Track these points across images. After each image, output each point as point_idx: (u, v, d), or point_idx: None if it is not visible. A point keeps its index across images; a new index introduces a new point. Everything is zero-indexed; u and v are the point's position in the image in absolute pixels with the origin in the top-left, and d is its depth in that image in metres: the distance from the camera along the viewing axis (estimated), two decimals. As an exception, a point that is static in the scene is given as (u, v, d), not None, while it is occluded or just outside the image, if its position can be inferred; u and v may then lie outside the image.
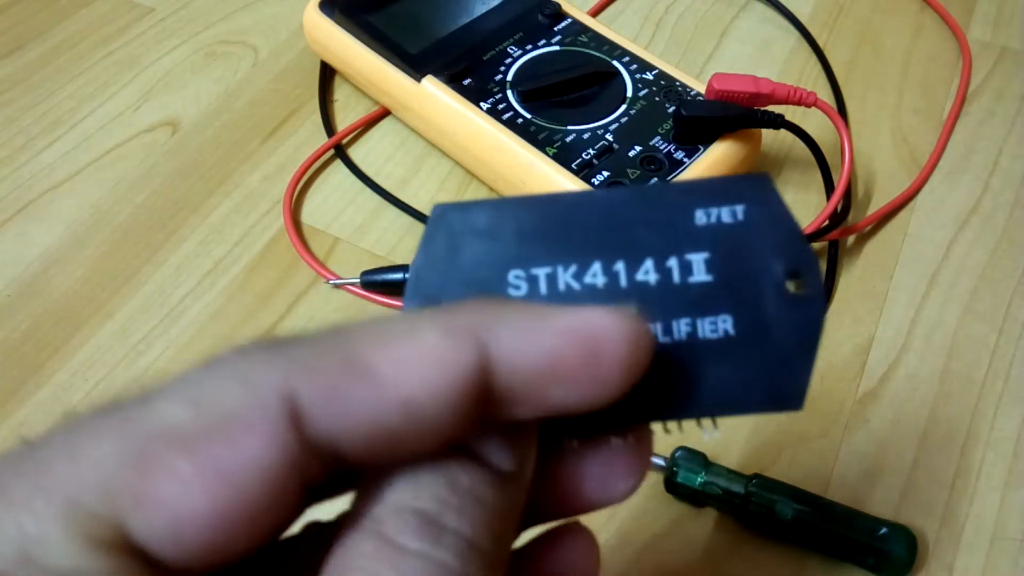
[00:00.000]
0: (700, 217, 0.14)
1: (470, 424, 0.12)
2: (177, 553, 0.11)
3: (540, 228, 0.15)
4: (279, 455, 0.11)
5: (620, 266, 0.14)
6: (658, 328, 0.14)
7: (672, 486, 0.29)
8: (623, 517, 0.30)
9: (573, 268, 0.14)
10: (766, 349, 0.14)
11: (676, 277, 0.14)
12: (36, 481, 0.11)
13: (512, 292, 0.14)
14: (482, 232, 0.14)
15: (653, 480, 0.30)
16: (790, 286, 0.14)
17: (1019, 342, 0.34)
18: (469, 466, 0.13)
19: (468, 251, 0.14)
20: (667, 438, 0.16)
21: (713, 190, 0.15)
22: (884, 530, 0.28)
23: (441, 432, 0.12)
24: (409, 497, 0.12)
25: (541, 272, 0.14)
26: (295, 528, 0.15)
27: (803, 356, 0.14)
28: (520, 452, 0.14)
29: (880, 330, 0.34)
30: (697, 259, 0.14)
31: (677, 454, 0.29)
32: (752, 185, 0.15)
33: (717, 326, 0.14)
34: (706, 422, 0.14)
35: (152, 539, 0.11)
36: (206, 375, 0.12)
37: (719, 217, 0.14)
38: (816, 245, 0.36)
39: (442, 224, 0.15)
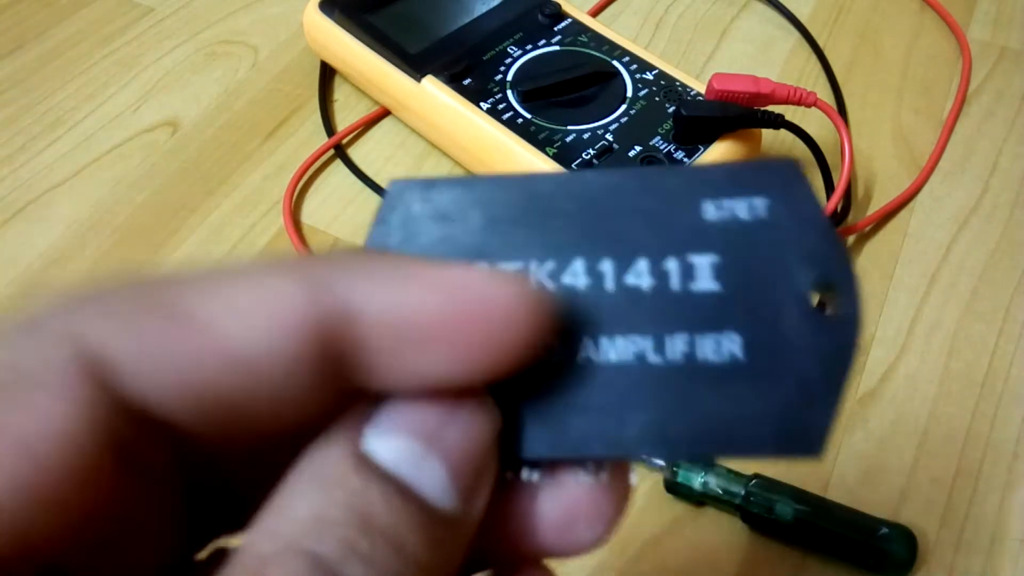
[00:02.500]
0: (709, 210, 0.12)
1: (324, 390, 0.11)
2: None
3: (513, 214, 0.12)
4: (78, 415, 0.09)
5: (607, 266, 0.12)
6: (648, 344, 0.12)
7: (672, 486, 0.29)
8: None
9: (550, 265, 0.12)
10: (782, 380, 0.11)
11: (675, 283, 0.12)
12: None
13: None
14: (444, 215, 0.12)
15: (653, 480, 0.30)
16: (818, 301, 0.12)
17: (1019, 342, 0.34)
18: (396, 498, 0.10)
19: (425, 237, 0.12)
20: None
21: (727, 177, 0.12)
22: (884, 530, 0.28)
23: (287, 397, 0.10)
24: (310, 537, 0.10)
25: (510, 267, 0.12)
26: (203, 554, 0.13)
27: (828, 391, 0.11)
28: (468, 486, 0.11)
29: (880, 330, 0.34)
30: (702, 262, 0.12)
31: (677, 454, 0.29)
32: (775, 173, 0.12)
33: (721, 347, 0.12)
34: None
35: None
36: (3, 333, 0.10)
37: (733, 211, 0.12)
38: (816, 245, 0.36)
39: (399, 204, 0.12)
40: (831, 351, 0.11)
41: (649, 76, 0.38)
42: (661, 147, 0.35)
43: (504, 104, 0.37)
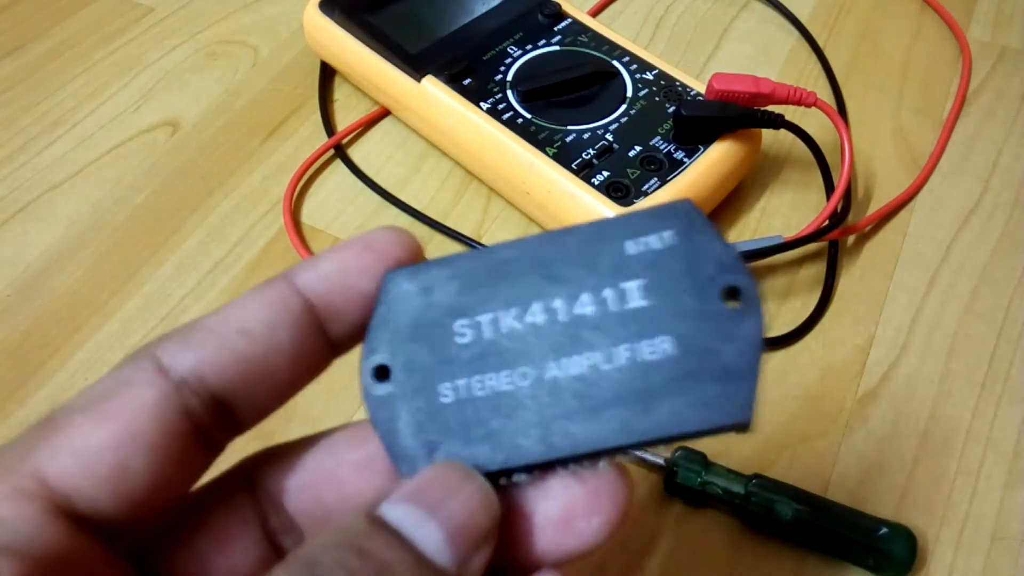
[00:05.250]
0: (630, 247, 0.15)
1: (310, 343, 0.15)
2: (90, 491, 0.13)
3: (481, 279, 0.15)
4: (153, 394, 0.14)
5: (558, 303, 0.15)
6: (599, 356, 0.14)
7: (672, 486, 0.29)
8: (623, 517, 0.30)
9: (514, 311, 0.15)
10: (709, 366, 0.14)
11: (613, 305, 0.15)
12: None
13: (459, 340, 0.15)
14: (427, 289, 0.16)
15: (653, 480, 0.30)
16: (728, 302, 0.14)
17: (1019, 342, 0.34)
18: (394, 542, 0.13)
19: (414, 304, 0.16)
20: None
21: (640, 220, 0.15)
22: (884, 530, 0.28)
23: (286, 350, 0.15)
24: (315, 554, 0.13)
25: (485, 319, 0.15)
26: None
27: (747, 369, 0.14)
28: (465, 549, 0.13)
29: (880, 330, 0.34)
30: (631, 286, 0.15)
31: (677, 454, 0.29)
32: (676, 211, 0.15)
33: (656, 347, 0.14)
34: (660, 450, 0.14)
35: (66, 478, 0.13)
36: (120, 362, 0.15)
37: (648, 244, 0.15)
38: (816, 245, 0.37)
39: (393, 286, 0.16)
40: (744, 337, 0.14)
41: (649, 76, 0.38)
42: (661, 147, 0.35)
43: (504, 104, 0.37)
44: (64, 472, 0.13)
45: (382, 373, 0.15)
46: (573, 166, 0.34)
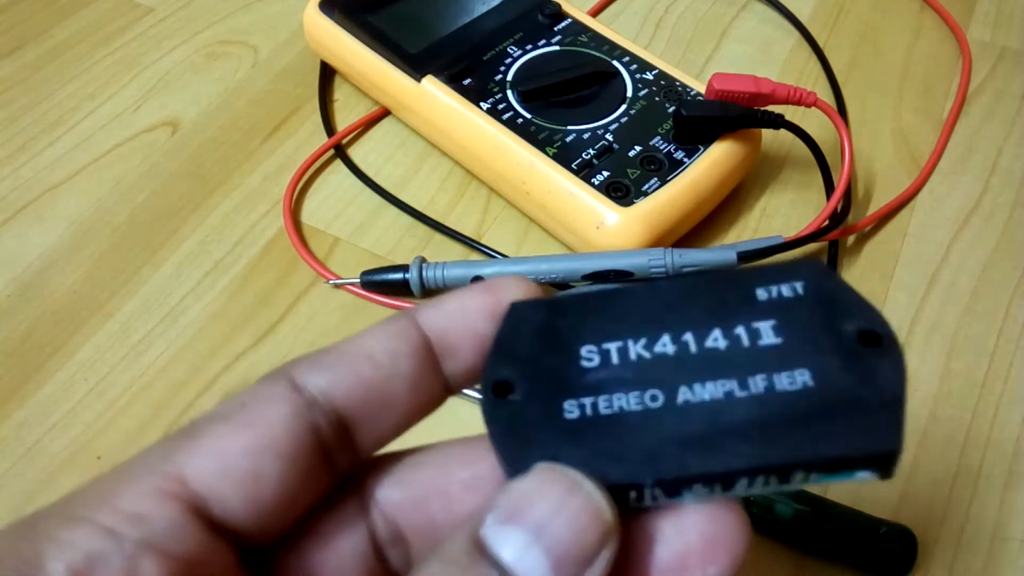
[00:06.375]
0: (761, 294, 0.15)
1: (428, 376, 0.16)
2: (225, 495, 0.14)
3: (606, 314, 0.15)
4: (287, 408, 0.15)
5: (689, 336, 0.15)
6: (734, 384, 0.14)
7: (672, 486, 0.29)
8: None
9: (643, 340, 0.15)
10: (852, 397, 0.13)
11: (746, 342, 0.15)
12: (144, 461, 0.15)
13: (585, 364, 0.15)
14: (551, 318, 0.16)
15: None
16: (864, 342, 0.14)
17: (1019, 342, 0.34)
18: None
19: (537, 333, 0.15)
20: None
21: (770, 271, 0.15)
22: (884, 530, 0.28)
23: (406, 379, 0.16)
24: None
25: (612, 346, 0.15)
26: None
27: (894, 400, 0.13)
28: (573, 574, 0.13)
29: (880, 330, 0.34)
30: (764, 326, 0.15)
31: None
32: (807, 266, 0.15)
33: (794, 378, 0.14)
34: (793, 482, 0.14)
35: (204, 480, 0.14)
36: (259, 378, 0.16)
37: (779, 292, 0.15)
38: (816, 245, 0.37)
39: (515, 312, 0.16)
40: (890, 370, 0.14)
41: (649, 76, 0.38)
42: (661, 147, 0.35)
43: (504, 104, 0.37)
44: (202, 474, 0.14)
45: (503, 389, 0.15)
46: (573, 166, 0.34)
